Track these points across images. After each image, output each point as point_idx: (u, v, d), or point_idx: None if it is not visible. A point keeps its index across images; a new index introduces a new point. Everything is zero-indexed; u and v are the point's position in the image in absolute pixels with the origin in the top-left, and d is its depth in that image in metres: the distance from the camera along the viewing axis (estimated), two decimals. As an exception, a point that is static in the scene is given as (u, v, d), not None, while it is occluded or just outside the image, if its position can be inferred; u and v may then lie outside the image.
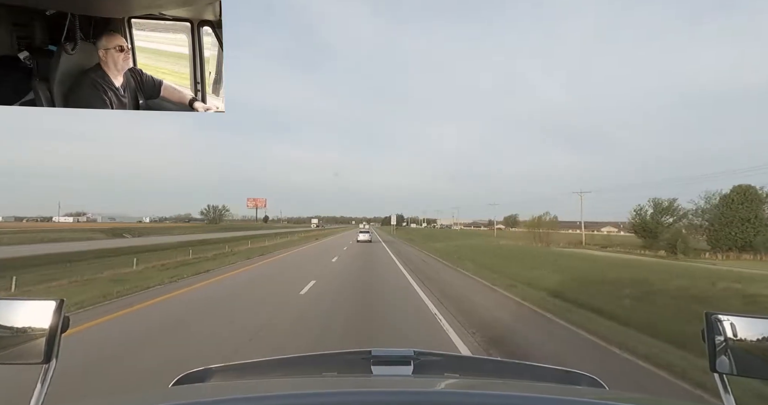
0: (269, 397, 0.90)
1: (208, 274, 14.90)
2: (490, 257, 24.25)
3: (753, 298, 11.02)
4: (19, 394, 3.36)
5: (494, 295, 11.26)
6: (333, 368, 1.45)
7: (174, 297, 10.17)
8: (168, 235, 64.68)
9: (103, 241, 50.37)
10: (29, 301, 0.89)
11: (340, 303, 9.39)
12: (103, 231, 65.58)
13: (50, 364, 0.85)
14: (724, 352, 0.90)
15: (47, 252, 28.11)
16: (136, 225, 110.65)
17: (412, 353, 1.41)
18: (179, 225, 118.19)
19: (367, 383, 1.20)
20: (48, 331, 0.85)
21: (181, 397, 1.01)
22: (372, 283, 12.93)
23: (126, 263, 18.07)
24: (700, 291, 12.00)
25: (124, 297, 10.06)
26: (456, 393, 1.00)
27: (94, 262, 21.09)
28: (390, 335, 6.72)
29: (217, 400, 0.88)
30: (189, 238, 51.59)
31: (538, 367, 1.46)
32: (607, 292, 11.00)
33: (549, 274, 15.22)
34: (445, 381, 1.29)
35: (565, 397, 0.95)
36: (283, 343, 6.11)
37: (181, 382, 1.27)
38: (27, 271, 16.34)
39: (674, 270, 18.72)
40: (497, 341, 6.29)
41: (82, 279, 13.50)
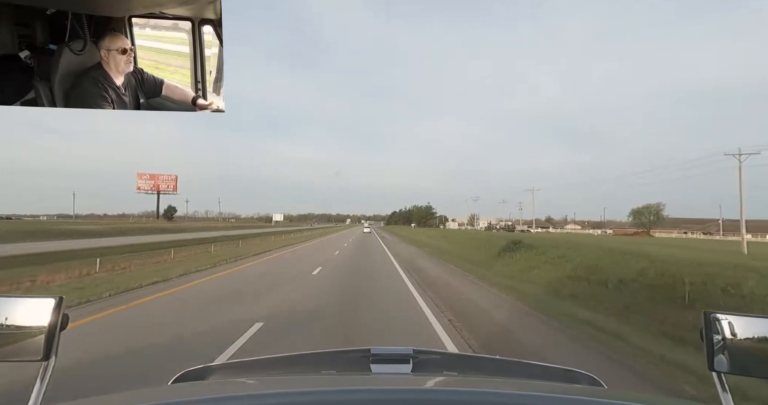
0: (268, 395, 0.91)
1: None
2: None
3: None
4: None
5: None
6: (332, 366, 1.45)
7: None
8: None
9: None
10: (28, 299, 0.89)
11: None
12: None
13: (49, 361, 0.86)
14: (723, 351, 0.91)
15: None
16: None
17: (411, 351, 1.41)
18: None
19: (367, 381, 1.21)
20: (47, 329, 0.85)
21: (180, 394, 1.01)
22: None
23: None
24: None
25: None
26: (455, 391, 1.00)
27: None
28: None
29: (215, 398, 0.89)
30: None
31: (536, 366, 1.47)
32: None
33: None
34: (444, 379, 1.29)
35: (564, 395, 0.96)
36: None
37: (180, 379, 1.27)
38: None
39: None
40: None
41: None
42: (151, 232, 53.99)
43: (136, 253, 22.15)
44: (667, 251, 18.23)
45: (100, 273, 13.99)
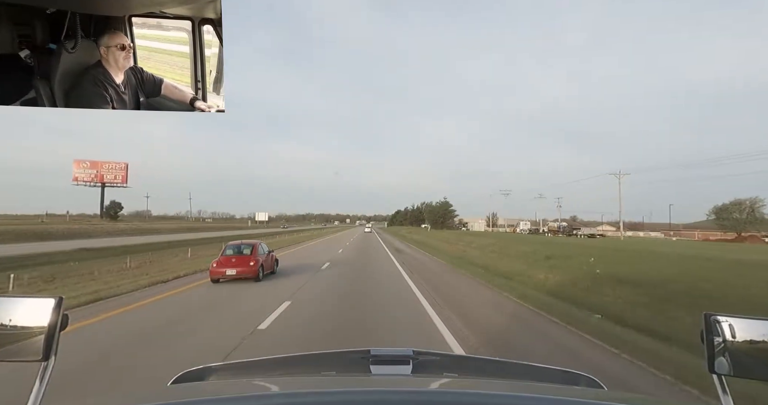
0: (268, 396, 0.90)
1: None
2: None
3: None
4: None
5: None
6: (332, 367, 1.45)
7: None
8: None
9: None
10: (28, 299, 0.89)
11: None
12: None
13: (49, 361, 0.86)
14: (723, 353, 0.90)
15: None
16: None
17: (411, 353, 1.41)
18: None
19: (366, 382, 1.20)
20: (47, 329, 0.85)
21: (180, 395, 1.01)
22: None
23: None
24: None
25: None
26: (454, 392, 1.00)
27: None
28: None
29: (215, 399, 0.89)
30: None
31: (536, 367, 1.46)
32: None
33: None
34: (443, 380, 1.29)
35: (564, 397, 0.95)
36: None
37: (180, 380, 1.27)
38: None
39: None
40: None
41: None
42: (44, 237, 38.37)
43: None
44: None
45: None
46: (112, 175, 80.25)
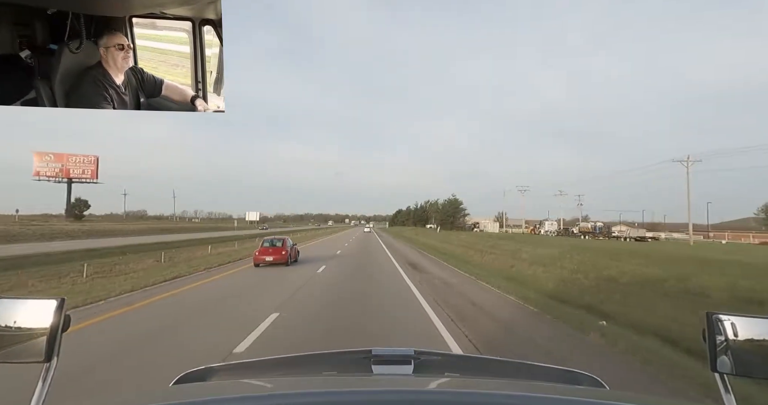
0: (270, 396, 0.90)
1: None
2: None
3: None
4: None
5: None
6: (333, 367, 1.45)
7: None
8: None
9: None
10: (30, 300, 0.89)
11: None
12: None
13: (51, 362, 0.86)
14: (725, 352, 0.90)
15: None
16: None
17: (412, 352, 1.40)
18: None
19: (368, 382, 1.20)
20: (49, 330, 0.85)
21: (182, 396, 1.01)
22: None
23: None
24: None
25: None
26: (456, 392, 0.99)
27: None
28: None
29: (217, 399, 0.88)
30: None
31: (538, 367, 1.46)
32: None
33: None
34: (445, 380, 1.29)
35: (566, 396, 0.95)
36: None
37: (182, 381, 1.27)
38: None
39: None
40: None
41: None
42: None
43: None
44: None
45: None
46: (79, 170, 68.63)
